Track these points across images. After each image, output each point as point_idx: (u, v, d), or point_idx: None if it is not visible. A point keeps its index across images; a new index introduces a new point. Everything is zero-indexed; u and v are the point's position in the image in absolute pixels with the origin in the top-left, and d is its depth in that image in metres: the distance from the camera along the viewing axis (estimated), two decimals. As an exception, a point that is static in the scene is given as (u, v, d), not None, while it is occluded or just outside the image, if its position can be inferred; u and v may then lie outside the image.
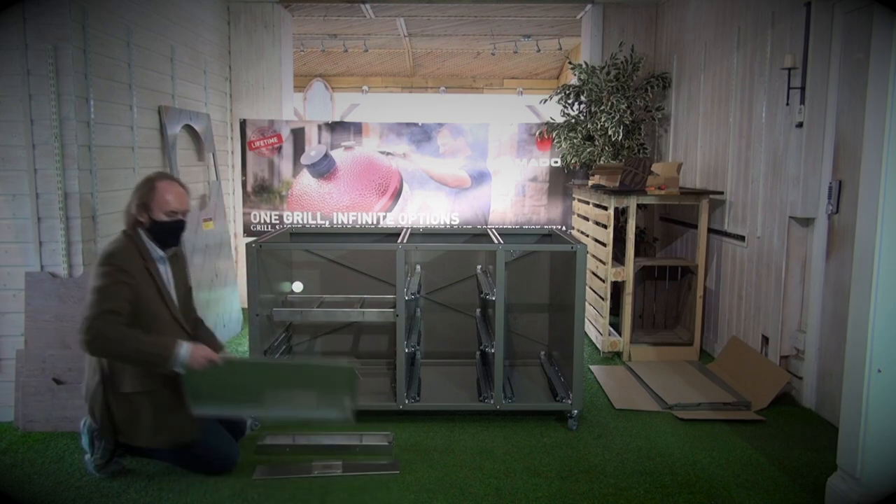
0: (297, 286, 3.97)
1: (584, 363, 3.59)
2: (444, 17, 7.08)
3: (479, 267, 4.07)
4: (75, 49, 3.29)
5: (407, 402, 3.35)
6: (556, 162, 5.76)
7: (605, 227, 4.48)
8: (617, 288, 4.62)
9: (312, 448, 3.05)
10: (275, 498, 2.65)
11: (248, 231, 5.77)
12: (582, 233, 5.12)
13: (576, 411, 3.32)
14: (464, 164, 5.80)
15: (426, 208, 5.82)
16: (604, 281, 4.51)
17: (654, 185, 4.36)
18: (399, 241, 3.37)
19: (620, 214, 4.84)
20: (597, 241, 4.70)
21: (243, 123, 5.71)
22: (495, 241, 3.36)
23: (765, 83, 3.93)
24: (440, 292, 4.10)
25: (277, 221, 5.77)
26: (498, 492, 2.71)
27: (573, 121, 5.54)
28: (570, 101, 5.55)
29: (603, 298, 4.55)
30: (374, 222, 5.78)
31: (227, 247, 5.13)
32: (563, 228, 5.65)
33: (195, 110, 4.91)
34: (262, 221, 5.78)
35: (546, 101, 5.68)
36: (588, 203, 4.98)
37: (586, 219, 5.02)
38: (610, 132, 5.18)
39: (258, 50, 5.82)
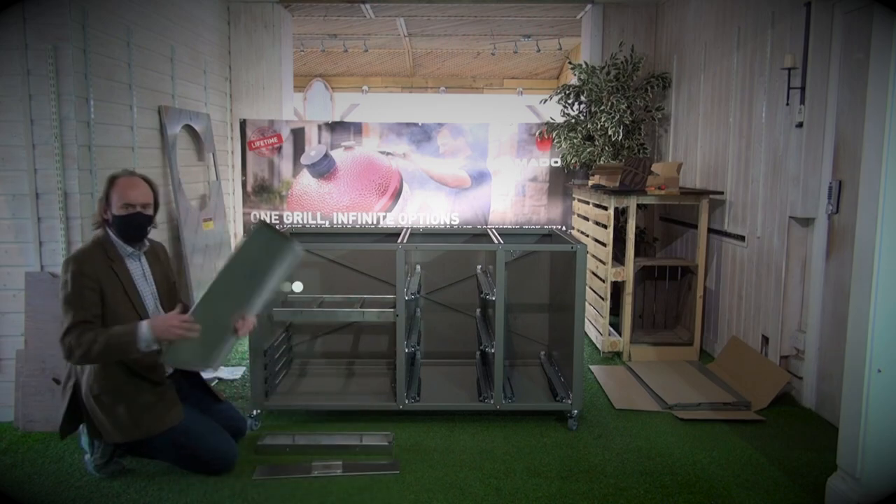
0: (297, 286, 3.97)
1: (584, 363, 3.59)
2: (444, 17, 7.08)
3: (479, 267, 4.07)
4: (75, 49, 3.29)
5: (407, 402, 3.35)
6: (556, 162, 5.76)
7: (605, 227, 4.48)
8: (617, 288, 4.62)
9: (312, 448, 3.05)
10: (275, 498, 2.65)
11: (248, 231, 5.76)
12: (582, 233, 5.12)
13: (576, 411, 3.32)
14: (464, 164, 5.80)
15: (426, 208, 5.82)
16: (604, 281, 4.51)
17: (654, 185, 4.36)
18: (399, 241, 3.37)
19: (620, 214, 4.84)
20: (597, 241, 4.70)
21: (243, 123, 5.71)
22: (495, 241, 3.36)
23: (765, 83, 3.93)
24: (440, 292, 4.10)
25: (277, 221, 5.77)
26: (498, 492, 2.71)
27: (573, 121, 5.54)
28: (570, 101, 5.55)
29: (603, 298, 4.55)
30: (374, 222, 5.78)
31: (227, 247, 5.13)
32: (563, 228, 5.65)
33: (195, 110, 4.91)
34: (262, 221, 5.78)
35: (546, 101, 5.68)
36: (588, 203, 4.98)
37: (586, 219, 5.02)
38: (610, 132, 5.18)
39: (258, 50, 5.82)
